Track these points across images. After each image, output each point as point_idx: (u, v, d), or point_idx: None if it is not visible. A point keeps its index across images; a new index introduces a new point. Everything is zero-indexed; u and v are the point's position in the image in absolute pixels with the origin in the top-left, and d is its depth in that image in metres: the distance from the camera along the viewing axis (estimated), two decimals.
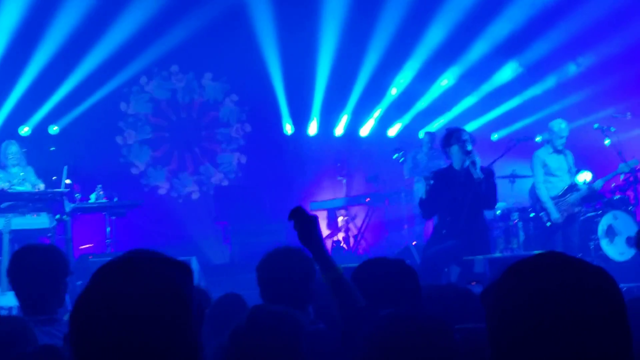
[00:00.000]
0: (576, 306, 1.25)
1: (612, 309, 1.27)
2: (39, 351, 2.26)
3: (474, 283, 3.94)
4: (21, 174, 8.07)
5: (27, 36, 9.57)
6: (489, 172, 6.54)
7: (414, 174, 10.28)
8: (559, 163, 8.39)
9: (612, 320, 1.26)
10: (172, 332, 1.34)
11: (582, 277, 1.29)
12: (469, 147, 6.40)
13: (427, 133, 10.87)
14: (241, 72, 11.51)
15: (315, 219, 2.57)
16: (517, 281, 1.32)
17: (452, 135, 6.56)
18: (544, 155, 8.41)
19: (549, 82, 11.70)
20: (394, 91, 11.99)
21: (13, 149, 8.21)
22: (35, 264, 2.99)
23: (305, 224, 2.53)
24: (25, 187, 7.97)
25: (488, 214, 7.31)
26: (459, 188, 6.39)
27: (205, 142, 11.55)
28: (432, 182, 6.48)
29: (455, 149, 6.48)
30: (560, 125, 8.33)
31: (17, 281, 3.00)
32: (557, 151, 8.37)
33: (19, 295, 3.01)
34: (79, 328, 1.34)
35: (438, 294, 3.02)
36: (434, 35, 11.03)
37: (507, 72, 11.85)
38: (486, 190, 6.40)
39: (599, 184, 8.41)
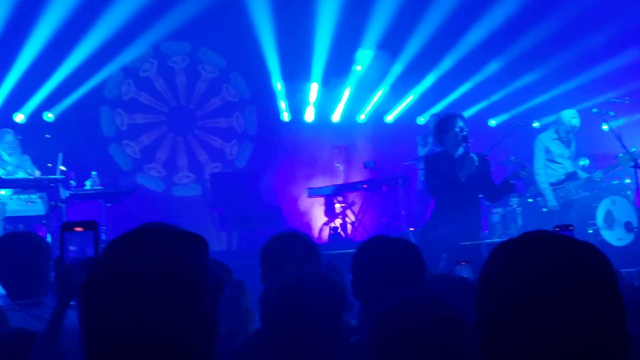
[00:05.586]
0: (565, 278, 1.23)
1: (602, 279, 1.25)
2: (13, 333, 2.32)
3: (463, 263, 3.86)
4: (16, 162, 8.05)
5: (21, 22, 9.47)
6: (483, 161, 6.47)
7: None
8: (561, 150, 8.32)
9: (602, 290, 1.24)
10: (183, 310, 1.29)
11: (569, 250, 1.28)
12: (465, 134, 6.32)
13: (434, 115, 10.70)
14: (239, 58, 11.44)
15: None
16: (503, 259, 1.30)
17: (448, 121, 6.47)
18: (547, 140, 8.31)
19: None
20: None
21: (8, 138, 8.21)
22: (16, 250, 3.07)
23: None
24: (21, 175, 7.94)
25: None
26: (455, 174, 6.32)
27: (202, 128, 11.49)
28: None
29: (451, 135, 6.40)
30: (571, 120, 8.18)
31: (0, 268, 3.09)
32: (561, 138, 8.29)
33: (3, 282, 3.11)
34: (88, 307, 1.31)
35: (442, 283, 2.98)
36: (433, 20, 10.95)
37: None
38: (493, 188, 6.44)
39: (598, 175, 8.34)
